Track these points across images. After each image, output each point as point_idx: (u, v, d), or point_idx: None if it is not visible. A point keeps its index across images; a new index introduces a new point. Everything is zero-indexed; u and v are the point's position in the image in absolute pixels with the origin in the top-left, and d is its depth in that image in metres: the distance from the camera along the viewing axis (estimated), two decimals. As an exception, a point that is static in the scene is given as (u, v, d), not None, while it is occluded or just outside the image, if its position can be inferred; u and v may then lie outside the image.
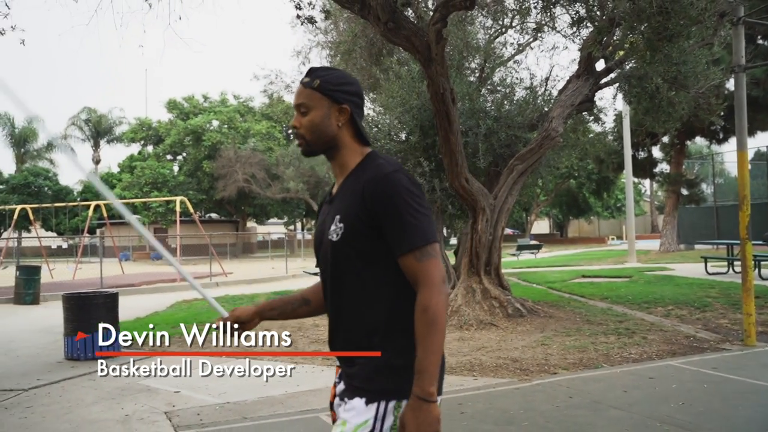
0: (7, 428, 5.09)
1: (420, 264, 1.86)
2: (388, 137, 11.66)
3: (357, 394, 1.91)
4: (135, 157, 45.90)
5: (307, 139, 2.06)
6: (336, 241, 1.97)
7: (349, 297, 1.99)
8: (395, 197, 1.89)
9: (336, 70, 2.11)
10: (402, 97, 10.77)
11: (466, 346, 8.20)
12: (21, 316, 12.93)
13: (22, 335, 10.18)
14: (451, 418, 5.06)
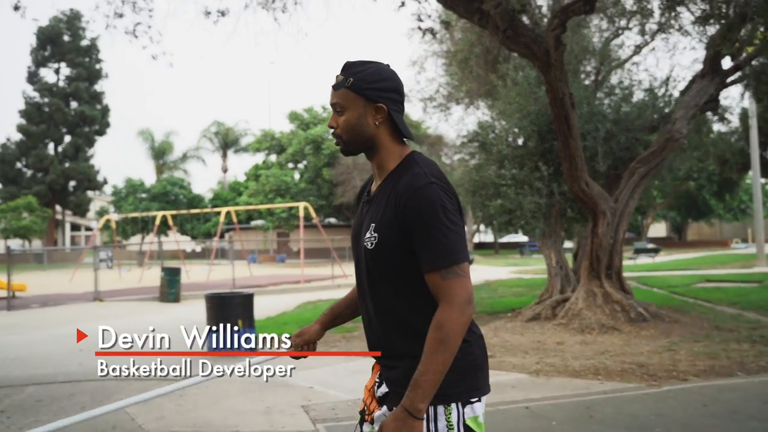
0: (165, 414, 5.46)
1: (444, 282, 1.80)
2: (504, 143, 11.55)
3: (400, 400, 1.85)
4: (259, 166, 47.79)
5: (344, 139, 1.96)
6: (371, 249, 1.92)
7: (385, 303, 1.94)
8: (427, 213, 1.81)
9: (371, 64, 1.97)
10: (519, 103, 10.64)
11: (588, 350, 7.98)
12: (166, 313, 13.79)
13: (169, 330, 10.82)
14: (580, 422, 4.96)
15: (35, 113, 54.19)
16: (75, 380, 6.92)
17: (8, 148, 54.19)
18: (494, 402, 5.59)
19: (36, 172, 54.21)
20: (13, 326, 11.91)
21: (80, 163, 54.62)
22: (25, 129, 53.90)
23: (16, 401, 6.03)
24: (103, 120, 56.65)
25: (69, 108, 55.15)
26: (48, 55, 55.56)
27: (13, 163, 54.08)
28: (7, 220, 45.63)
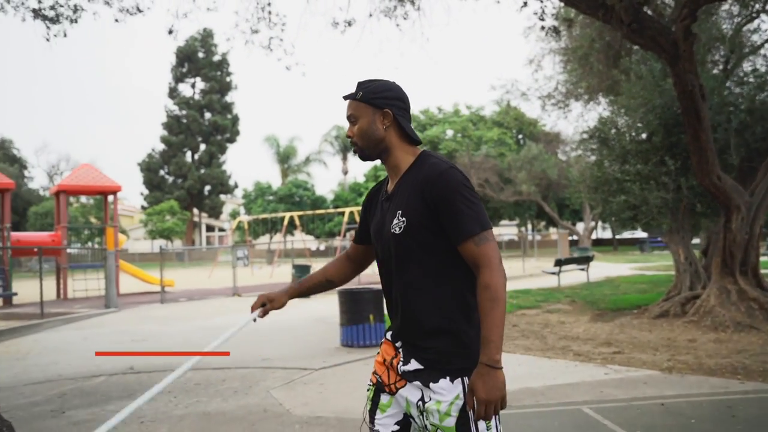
0: (309, 399, 5.72)
1: (479, 248, 1.96)
2: (627, 138, 11.14)
3: (441, 375, 2.02)
4: (379, 167, 48.52)
5: (360, 144, 2.17)
6: (399, 233, 2.07)
7: (416, 285, 2.08)
8: (452, 191, 1.99)
9: (378, 80, 2.20)
10: (644, 97, 10.22)
11: (724, 348, 7.57)
12: (298, 307, 14.34)
13: (302, 324, 11.32)
14: (721, 421, 4.74)
15: (175, 125, 57.91)
16: (225, 367, 7.38)
17: (153, 157, 58.25)
18: (627, 398, 5.45)
19: (176, 178, 57.90)
20: (167, 317, 12.83)
21: (214, 169, 57.76)
22: (167, 139, 57.74)
23: (179, 384, 6.53)
24: (234, 128, 59.63)
25: (204, 119, 58.49)
26: (185, 71, 59.20)
27: (157, 171, 58.05)
28: (153, 222, 49.03)
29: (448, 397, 2.01)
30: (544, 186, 37.98)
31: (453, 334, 2.05)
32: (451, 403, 2.01)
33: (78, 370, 7.46)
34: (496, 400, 1.91)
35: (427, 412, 2.05)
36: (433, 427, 2.03)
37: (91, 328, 11.51)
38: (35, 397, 6.11)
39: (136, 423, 5.09)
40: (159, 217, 49.21)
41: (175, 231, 49.31)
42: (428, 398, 2.05)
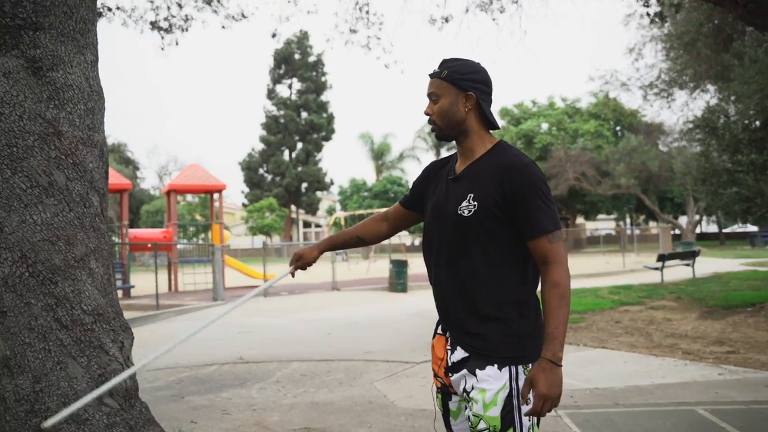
0: (412, 392, 5.77)
1: (552, 245, 1.97)
2: (740, 126, 10.52)
3: (488, 362, 2.00)
4: (473, 161, 48.22)
5: (439, 124, 2.13)
6: (467, 216, 2.04)
7: (473, 270, 2.05)
8: (533, 186, 1.98)
9: (464, 60, 2.14)
10: (759, 82, 9.62)
11: None
12: (396, 302, 14.51)
13: (401, 318, 11.42)
14: None
15: (273, 125, 59.72)
16: (329, 359, 7.57)
17: (253, 156, 60.33)
18: (746, 400, 5.17)
19: (275, 176, 59.70)
20: (270, 310, 13.29)
21: (311, 166, 59.13)
22: (266, 139, 59.63)
23: (286, 374, 6.75)
24: (329, 127, 60.81)
25: (300, 118, 59.98)
26: (282, 72, 60.90)
27: (257, 170, 60.07)
28: (254, 219, 50.79)
29: (495, 385, 1.99)
30: (644, 179, 36.47)
31: (504, 322, 2.03)
32: (497, 392, 1.98)
33: (192, 359, 7.85)
34: (554, 397, 1.91)
35: (471, 401, 2.02)
36: (476, 419, 2.00)
37: (201, 320, 12.08)
38: (156, 383, 6.49)
39: (249, 410, 5.31)
40: (259, 213, 50.91)
41: (274, 227, 50.86)
42: (471, 387, 2.02)
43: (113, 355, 2.72)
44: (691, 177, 11.67)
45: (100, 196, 2.85)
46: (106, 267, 2.84)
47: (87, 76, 2.82)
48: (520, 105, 44.04)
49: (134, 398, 2.84)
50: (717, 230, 53.11)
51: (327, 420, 4.93)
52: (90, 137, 2.79)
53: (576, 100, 43.67)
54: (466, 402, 2.05)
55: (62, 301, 2.60)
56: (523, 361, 2.01)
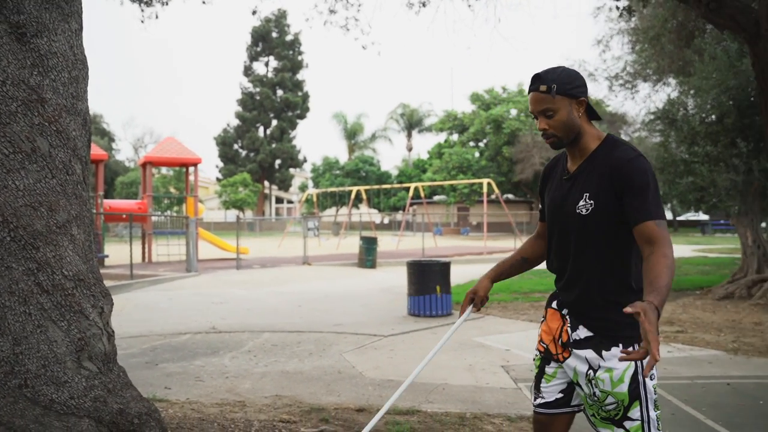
0: (380, 364, 5.85)
1: (659, 228, 2.02)
2: (698, 119, 10.71)
3: (613, 343, 2.11)
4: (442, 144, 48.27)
5: (560, 136, 2.18)
6: (586, 215, 2.14)
7: (595, 262, 2.16)
8: (642, 178, 2.05)
9: (561, 68, 2.20)
10: (717, 78, 9.79)
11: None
12: (365, 277, 14.56)
13: (370, 293, 11.48)
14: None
15: (249, 101, 58.97)
16: (299, 330, 7.59)
17: (228, 132, 59.58)
18: (691, 375, 5.35)
19: (249, 152, 59.09)
20: (243, 282, 13.24)
21: (285, 144, 58.64)
22: (241, 115, 58.89)
23: (258, 344, 6.77)
24: (304, 105, 60.27)
25: (276, 96, 59.30)
26: (260, 50, 60.03)
27: (232, 145, 59.37)
28: (227, 193, 50.30)
29: (622, 365, 2.10)
30: (607, 166, 36.99)
31: (623, 306, 2.05)
32: (625, 370, 2.10)
33: (166, 327, 7.82)
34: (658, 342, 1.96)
35: (597, 380, 2.14)
36: (604, 395, 2.13)
37: (175, 290, 12.00)
38: (131, 350, 6.46)
39: (222, 377, 5.32)
40: (233, 188, 50.42)
41: (248, 202, 50.45)
42: (598, 366, 2.14)
43: (93, 320, 2.71)
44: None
45: (82, 164, 2.81)
46: (88, 234, 2.81)
47: (71, 45, 2.77)
48: (491, 91, 44.13)
49: (112, 362, 2.84)
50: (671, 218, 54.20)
51: (297, 388, 4.97)
52: (74, 105, 2.75)
53: (544, 88, 43.85)
54: (589, 380, 2.16)
55: (43, 266, 2.57)
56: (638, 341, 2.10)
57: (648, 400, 2.12)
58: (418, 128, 59.43)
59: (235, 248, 17.21)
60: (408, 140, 60.46)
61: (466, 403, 4.56)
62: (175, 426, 3.64)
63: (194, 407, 4.25)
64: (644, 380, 2.11)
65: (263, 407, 4.32)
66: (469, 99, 44.39)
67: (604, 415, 2.16)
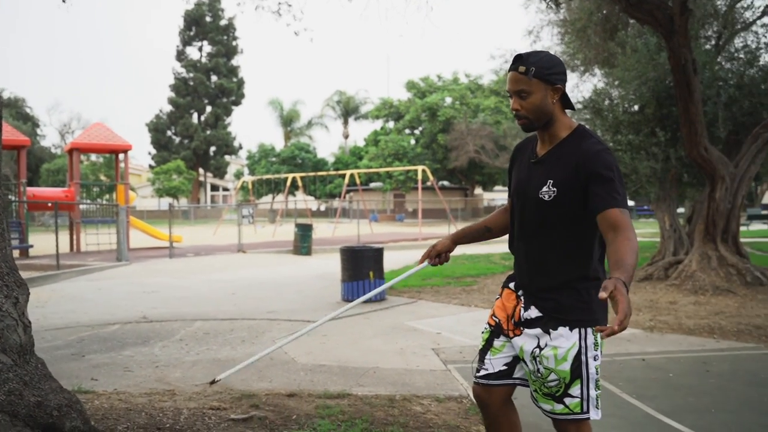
0: (312, 349, 5.86)
1: (623, 216, 2.05)
2: (621, 109, 11.13)
3: (560, 324, 2.20)
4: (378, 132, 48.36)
5: (531, 118, 2.22)
6: (548, 201, 2.19)
7: (552, 247, 2.23)
8: (608, 170, 2.10)
9: (543, 53, 2.21)
10: (638, 70, 10.18)
11: (702, 310, 7.72)
12: (300, 264, 14.50)
13: (305, 279, 11.45)
14: (697, 375, 4.89)
15: (182, 87, 57.44)
16: (232, 318, 7.52)
17: (161, 118, 57.92)
18: (611, 353, 5.60)
19: (183, 139, 57.68)
20: (176, 271, 12.96)
21: (219, 130, 57.49)
22: (174, 101, 57.32)
23: (190, 332, 6.66)
24: (239, 91, 59.18)
25: (210, 81, 57.97)
26: (193, 35, 58.48)
27: (165, 132, 57.79)
28: (161, 181, 48.97)
29: (566, 344, 2.19)
30: (538, 154, 37.93)
31: (576, 290, 2.20)
32: (568, 349, 2.19)
33: (94, 318, 7.59)
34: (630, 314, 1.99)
35: (541, 357, 2.23)
36: (547, 371, 2.22)
37: (105, 280, 11.65)
38: (56, 342, 6.24)
39: (152, 367, 5.22)
40: (166, 176, 49.12)
41: (182, 190, 49.28)
42: (544, 344, 2.22)
43: (6, 311, 2.62)
44: (577, 154, 12.21)
45: (-7, 149, 2.70)
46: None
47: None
48: (426, 79, 44.45)
49: (29, 354, 2.75)
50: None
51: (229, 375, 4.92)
52: (-17, 89, 2.63)
53: (479, 76, 44.54)
54: (534, 357, 2.24)
55: (-48, 255, 2.47)
56: (591, 324, 2.19)
57: (589, 379, 2.21)
58: (355, 115, 59.30)
59: (168, 236, 16.81)
60: (344, 127, 60.27)
61: (396, 385, 4.64)
62: (101, 417, 3.55)
63: (122, 397, 4.16)
64: (587, 360, 2.19)
65: (193, 395, 4.27)
66: (405, 87, 44.61)
67: (546, 391, 2.25)
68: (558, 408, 2.25)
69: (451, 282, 10.66)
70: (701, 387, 4.55)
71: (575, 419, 2.24)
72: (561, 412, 2.24)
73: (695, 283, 9.11)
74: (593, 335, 2.19)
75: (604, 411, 3.99)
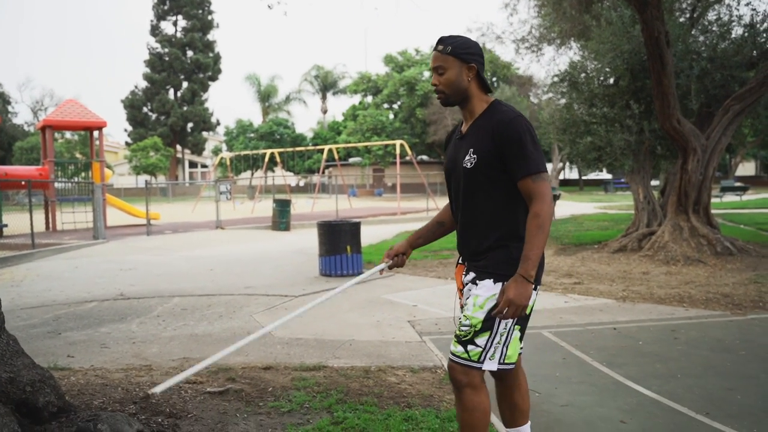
0: (289, 323, 5.90)
1: (534, 184, 2.26)
2: (596, 82, 11.18)
3: (486, 276, 2.36)
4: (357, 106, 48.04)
5: (447, 93, 2.41)
6: (470, 168, 2.37)
7: (480, 211, 2.40)
8: (519, 137, 2.27)
9: (461, 37, 2.42)
10: (613, 43, 10.22)
11: (673, 280, 7.89)
12: (279, 240, 14.48)
13: (283, 255, 11.46)
14: (665, 342, 5.01)
15: (158, 62, 56.42)
16: (210, 294, 7.52)
17: (136, 94, 56.93)
18: (584, 323, 5.71)
19: (159, 115, 56.82)
20: (153, 248, 12.89)
21: (196, 106, 56.72)
22: (150, 77, 56.34)
23: (167, 309, 6.66)
24: (215, 67, 58.30)
25: (186, 57, 57.00)
26: (167, 9, 57.32)
27: (141, 108, 56.86)
28: (138, 158, 48.33)
29: (486, 293, 2.33)
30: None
31: (506, 248, 2.36)
32: (487, 298, 2.33)
33: (70, 296, 7.55)
34: (519, 305, 2.21)
35: (465, 304, 2.41)
36: (464, 317, 2.36)
37: (81, 258, 11.55)
38: (32, 320, 6.21)
39: (129, 343, 5.22)
40: (143, 153, 48.48)
41: (159, 167, 48.71)
42: (468, 293, 2.40)
43: (-24, 288, 2.60)
44: (554, 127, 12.30)
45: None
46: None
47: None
48: (404, 53, 44.14)
49: (0, 330, 2.74)
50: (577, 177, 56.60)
51: (206, 350, 4.95)
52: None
53: (456, 50, 44.29)
54: (461, 305, 2.44)
55: None
56: None
57: (496, 333, 2.33)
58: (333, 90, 58.82)
59: (146, 214, 16.67)
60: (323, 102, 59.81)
61: (371, 357, 4.69)
62: (77, 392, 3.56)
63: (98, 373, 4.17)
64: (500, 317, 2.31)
65: (170, 370, 4.29)
66: (383, 61, 44.27)
67: (458, 333, 2.38)
68: (458, 350, 2.37)
69: (429, 255, 10.74)
70: (669, 354, 4.67)
71: (469, 365, 2.35)
72: (459, 355, 2.36)
73: (667, 253, 9.27)
74: None
75: (574, 378, 4.11)
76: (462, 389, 2.37)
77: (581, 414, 3.51)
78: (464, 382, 2.36)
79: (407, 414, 3.38)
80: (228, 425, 3.17)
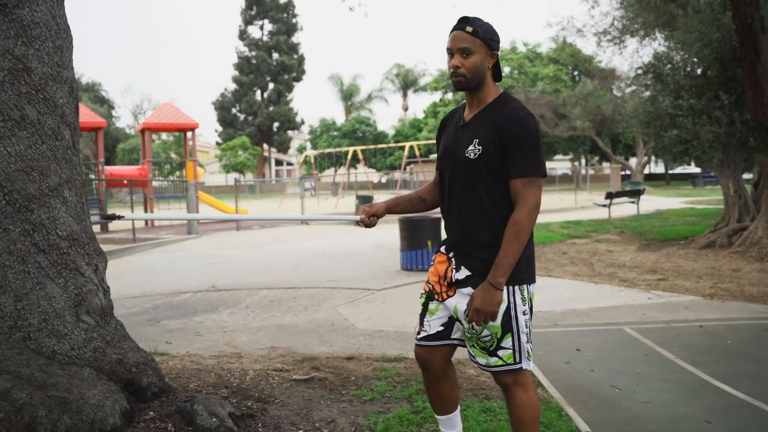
0: (372, 316, 6.01)
1: (524, 189, 2.20)
2: (682, 73, 10.69)
3: None
4: (437, 103, 47.94)
5: (468, 77, 2.28)
6: (473, 158, 2.26)
7: (478, 204, 2.29)
8: (525, 135, 2.20)
9: (485, 21, 2.32)
10: (701, 32, 9.73)
11: (767, 277, 7.46)
12: (361, 235, 14.68)
13: (365, 250, 11.64)
14: (758, 342, 4.76)
15: (245, 65, 58.30)
16: (296, 287, 7.75)
17: (226, 96, 59.06)
18: (668, 320, 5.51)
19: (247, 115, 58.70)
20: (242, 243, 13.39)
21: (282, 106, 58.19)
22: (238, 79, 58.29)
23: (255, 300, 6.93)
24: (300, 68, 59.60)
25: (272, 59, 58.60)
26: (254, 14, 59.09)
27: (230, 109, 58.93)
28: (227, 157, 50.17)
29: None
30: (599, 122, 36.81)
31: None
32: None
33: (167, 287, 7.97)
34: (485, 312, 2.19)
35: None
36: (480, 328, 2.29)
37: (176, 252, 12.15)
38: (134, 309, 6.62)
39: (220, 332, 5.48)
40: (232, 152, 50.27)
41: (247, 165, 50.36)
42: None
43: (88, 277, 2.82)
44: (638, 120, 11.85)
45: (71, 130, 2.88)
46: (79, 196, 2.90)
47: (53, 14, 2.81)
48: (484, 49, 43.62)
49: (109, 316, 2.96)
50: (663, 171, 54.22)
51: (291, 340, 5.13)
52: (59, 74, 2.80)
53: (537, 45, 43.43)
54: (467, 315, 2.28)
55: (38, 227, 2.67)
56: (518, 282, 2.28)
57: (519, 331, 2.29)
58: (413, 88, 58.95)
59: (235, 210, 17.31)
60: (403, 100, 60.04)
61: (450, 349, 4.72)
62: (174, 376, 3.79)
63: (193, 359, 4.41)
64: (516, 315, 2.27)
65: (258, 358, 4.48)
66: (463, 58, 43.89)
67: (482, 345, 2.33)
68: (492, 361, 2.32)
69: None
70: (761, 354, 4.44)
71: (510, 370, 2.31)
72: (496, 365, 2.32)
73: (761, 250, 8.79)
74: (520, 291, 2.28)
75: (657, 375, 3.99)
76: (509, 388, 2.35)
77: (663, 411, 3.41)
78: (510, 382, 2.34)
79: (485, 406, 3.39)
80: (312, 411, 3.29)
